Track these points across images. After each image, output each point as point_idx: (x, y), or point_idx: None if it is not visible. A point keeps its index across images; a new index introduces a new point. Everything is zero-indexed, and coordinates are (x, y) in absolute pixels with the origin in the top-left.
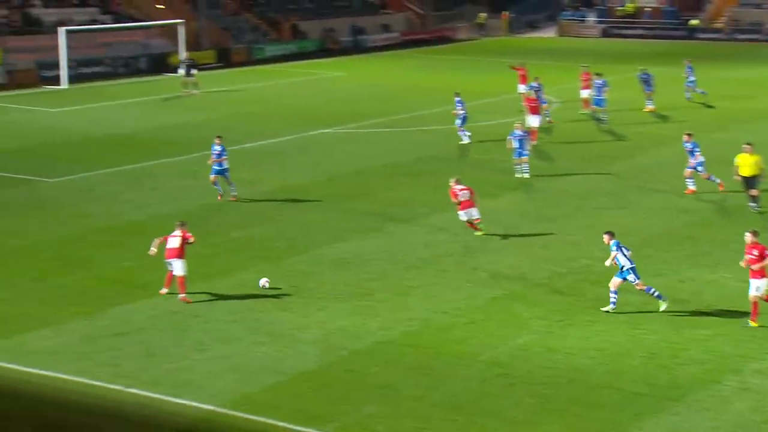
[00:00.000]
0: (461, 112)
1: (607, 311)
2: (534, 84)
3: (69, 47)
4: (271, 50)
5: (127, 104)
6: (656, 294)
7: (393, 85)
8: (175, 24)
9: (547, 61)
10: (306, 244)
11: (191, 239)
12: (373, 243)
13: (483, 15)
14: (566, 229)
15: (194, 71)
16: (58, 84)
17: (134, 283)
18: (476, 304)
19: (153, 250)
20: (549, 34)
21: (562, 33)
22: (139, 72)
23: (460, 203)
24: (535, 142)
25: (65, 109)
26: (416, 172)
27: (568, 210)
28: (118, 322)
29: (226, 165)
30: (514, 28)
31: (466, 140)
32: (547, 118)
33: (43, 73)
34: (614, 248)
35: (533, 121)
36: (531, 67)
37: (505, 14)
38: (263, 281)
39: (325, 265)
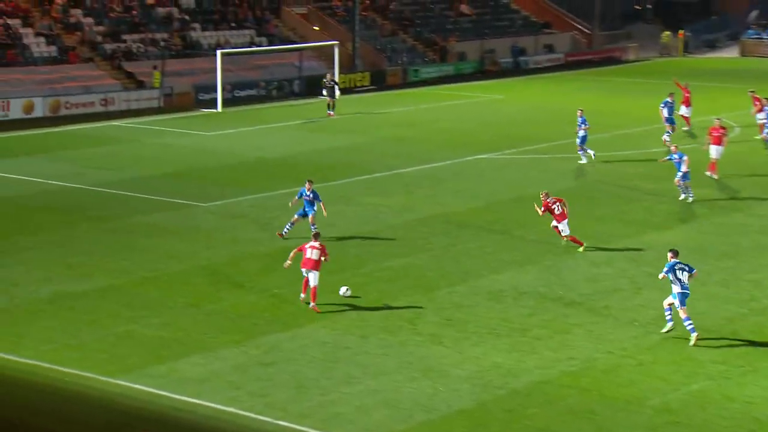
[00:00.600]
0: (582, 131)
1: (667, 330)
2: (668, 100)
3: (225, 70)
4: (426, 72)
5: (280, 128)
6: (690, 327)
7: (555, 109)
8: (330, 46)
9: (728, 83)
10: (460, 275)
11: (327, 258)
12: (531, 275)
13: (667, 33)
14: (747, 266)
15: (338, 93)
16: (214, 107)
17: (285, 310)
18: (644, 344)
19: (288, 263)
20: (730, 54)
21: (746, 53)
22: (293, 95)
23: (556, 215)
24: (716, 176)
25: (220, 132)
26: (577, 200)
27: (749, 245)
28: (268, 351)
29: (315, 210)
30: (690, 47)
31: (584, 161)
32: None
33: (200, 96)
34: (666, 267)
35: (715, 152)
36: (708, 89)
37: (681, 33)
38: (344, 290)
39: (481, 297)
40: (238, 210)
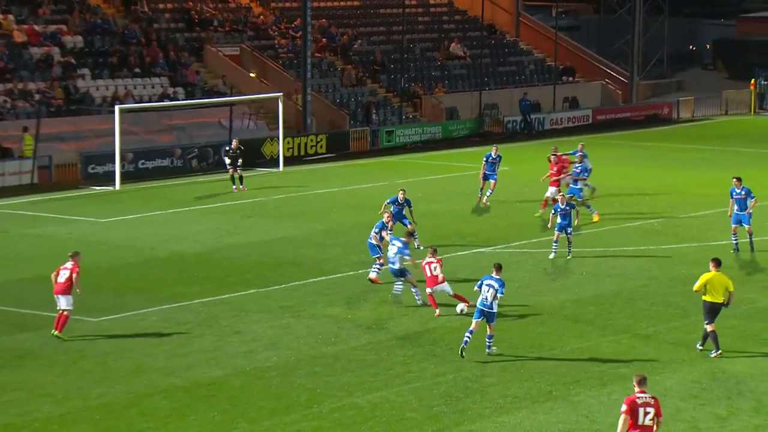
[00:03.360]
0: None
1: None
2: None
3: (125, 133)
4: (404, 134)
5: (202, 211)
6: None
7: None
8: (272, 99)
9: None
10: (453, 416)
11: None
12: (553, 416)
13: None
14: None
15: (240, 161)
16: (111, 184)
17: None
18: None
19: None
20: None
21: None
22: (221, 165)
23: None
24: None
25: (118, 218)
26: (618, 311)
27: None
28: None
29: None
30: (766, 103)
31: None
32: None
33: (90, 169)
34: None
35: None
36: None
37: (753, 83)
38: (461, 306)
39: None
40: (142, 326)
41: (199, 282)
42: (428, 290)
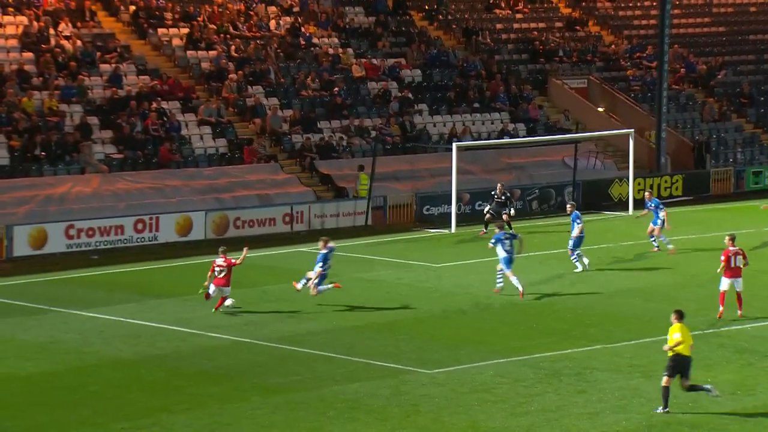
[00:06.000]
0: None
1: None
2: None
3: (463, 172)
4: None
5: (541, 257)
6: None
7: None
8: (622, 135)
9: None
10: None
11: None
12: None
13: None
14: None
15: (512, 211)
16: (445, 226)
17: None
18: None
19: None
20: None
21: None
22: (562, 208)
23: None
24: None
25: (452, 263)
26: None
27: None
28: None
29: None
30: None
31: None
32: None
33: (425, 210)
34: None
35: None
36: None
37: None
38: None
39: None
40: (478, 381)
41: (538, 335)
42: (726, 281)
